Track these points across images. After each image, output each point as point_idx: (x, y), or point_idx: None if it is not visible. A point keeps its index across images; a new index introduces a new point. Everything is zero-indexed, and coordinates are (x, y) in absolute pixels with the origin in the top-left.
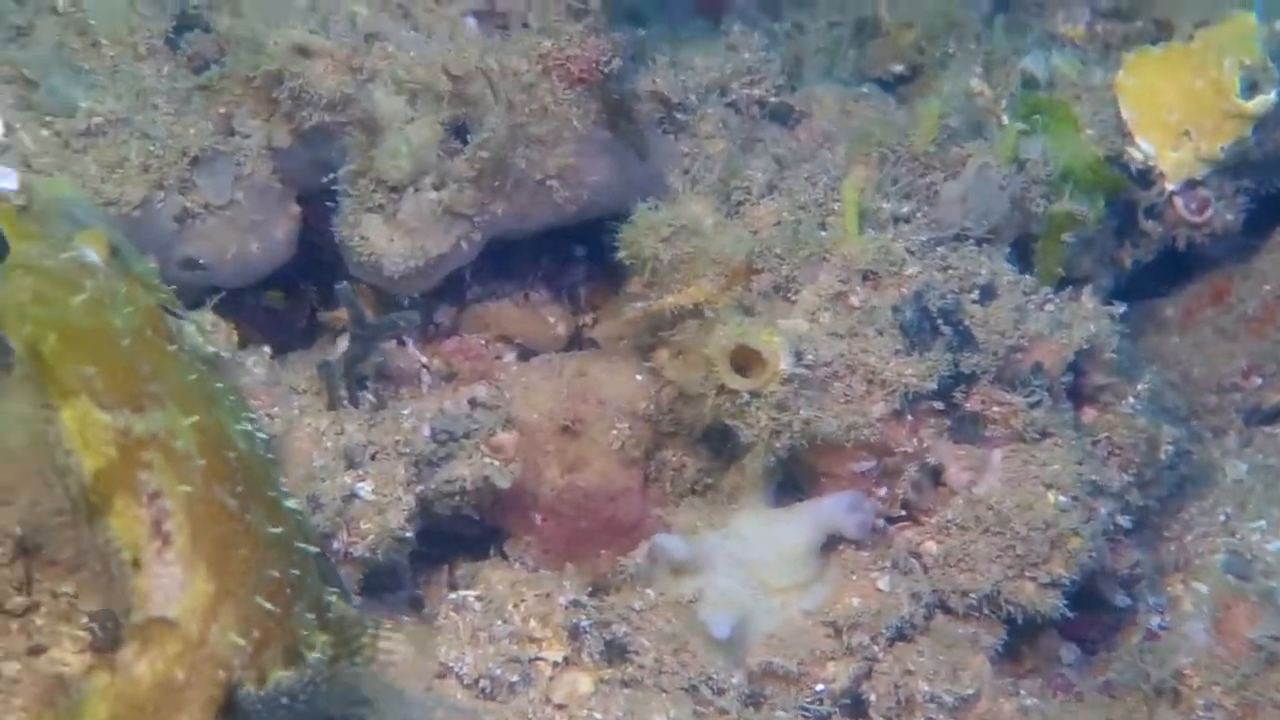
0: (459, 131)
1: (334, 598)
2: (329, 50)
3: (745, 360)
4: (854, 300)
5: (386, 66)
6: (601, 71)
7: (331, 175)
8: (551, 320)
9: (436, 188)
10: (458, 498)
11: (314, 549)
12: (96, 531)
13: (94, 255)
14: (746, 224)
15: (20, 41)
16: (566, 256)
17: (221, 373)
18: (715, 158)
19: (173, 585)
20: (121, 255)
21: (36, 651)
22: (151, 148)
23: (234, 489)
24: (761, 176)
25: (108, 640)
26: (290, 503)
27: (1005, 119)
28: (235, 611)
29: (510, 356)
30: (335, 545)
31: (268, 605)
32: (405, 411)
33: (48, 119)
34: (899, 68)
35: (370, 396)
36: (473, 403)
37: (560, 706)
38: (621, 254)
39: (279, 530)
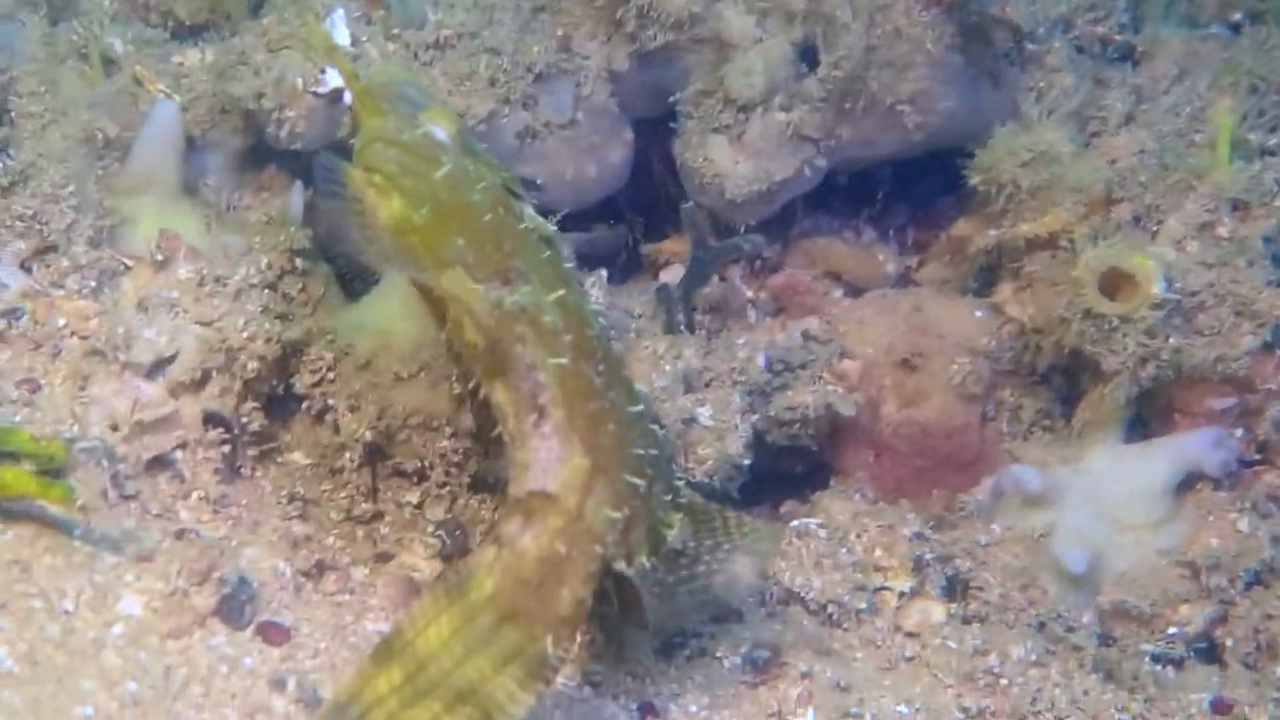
0: (804, 54)
1: (681, 484)
2: None
3: (1111, 286)
4: (1222, 230)
5: None
6: None
7: (674, 97)
8: (881, 258)
9: (785, 109)
10: (797, 426)
11: (662, 431)
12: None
13: (442, 132)
14: (1103, 154)
15: None
16: (892, 194)
17: (563, 254)
18: (1070, 88)
19: (550, 459)
20: (464, 134)
21: (384, 558)
22: (499, 62)
23: (597, 366)
24: (1120, 106)
25: (456, 548)
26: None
27: None
28: (608, 487)
29: (838, 293)
30: (674, 469)
31: (636, 481)
32: (740, 341)
33: (394, 32)
34: (1237, 15)
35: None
36: (805, 335)
37: (912, 635)
38: (975, 179)
39: (638, 409)
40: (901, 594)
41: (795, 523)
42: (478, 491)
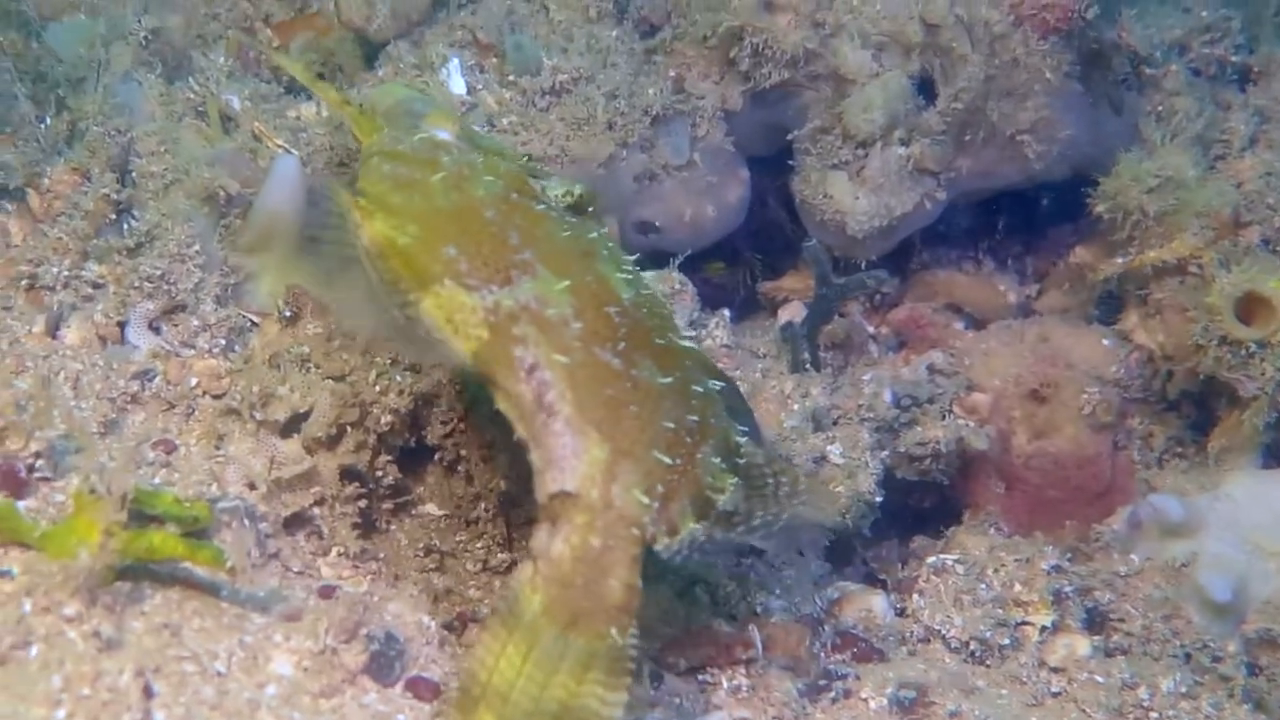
0: (921, 86)
1: (743, 439)
2: (793, 5)
3: (1245, 311)
4: None
5: (850, 20)
6: (1082, 18)
7: (791, 135)
8: (1002, 289)
9: (905, 143)
10: (929, 460)
11: (718, 384)
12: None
13: (445, 133)
14: (1229, 177)
15: (470, 8)
16: (1010, 224)
17: (593, 226)
18: (1191, 111)
19: (565, 456)
20: (469, 130)
21: None
22: (616, 105)
23: (616, 346)
24: (1243, 129)
25: None
26: (686, 343)
27: None
28: (635, 469)
29: (960, 325)
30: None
31: (667, 459)
32: (865, 377)
33: (510, 78)
34: None
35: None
36: (931, 369)
37: (1057, 670)
38: (1100, 207)
39: (670, 379)
40: (1043, 628)
41: (932, 559)
42: None
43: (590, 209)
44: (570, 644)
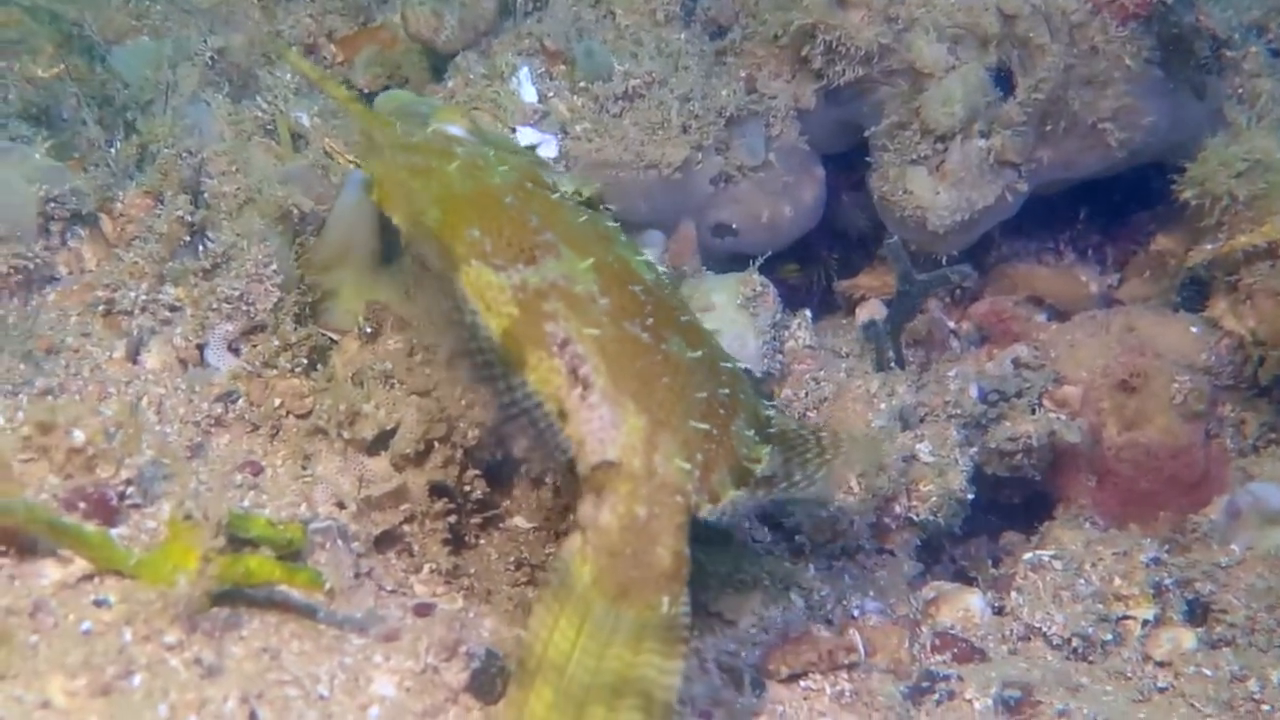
0: (998, 78)
1: (773, 412)
2: (865, 1)
3: None
4: None
5: (924, 13)
6: (1161, 3)
7: (868, 131)
8: (1083, 279)
9: (985, 135)
10: (1020, 455)
11: (741, 365)
12: (516, 390)
13: (456, 128)
14: None
15: (536, 16)
16: (1091, 213)
17: (607, 217)
18: (1274, 93)
19: (604, 427)
20: (479, 127)
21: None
22: (690, 108)
23: (645, 321)
24: None
25: None
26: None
27: None
28: (674, 439)
29: (1042, 317)
30: (896, 509)
31: (704, 426)
32: (950, 374)
33: (581, 85)
34: None
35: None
36: (1017, 363)
37: (1163, 664)
38: (1187, 193)
39: (698, 354)
40: (1145, 622)
41: (1028, 555)
42: (701, 545)
43: (602, 207)
44: (622, 615)
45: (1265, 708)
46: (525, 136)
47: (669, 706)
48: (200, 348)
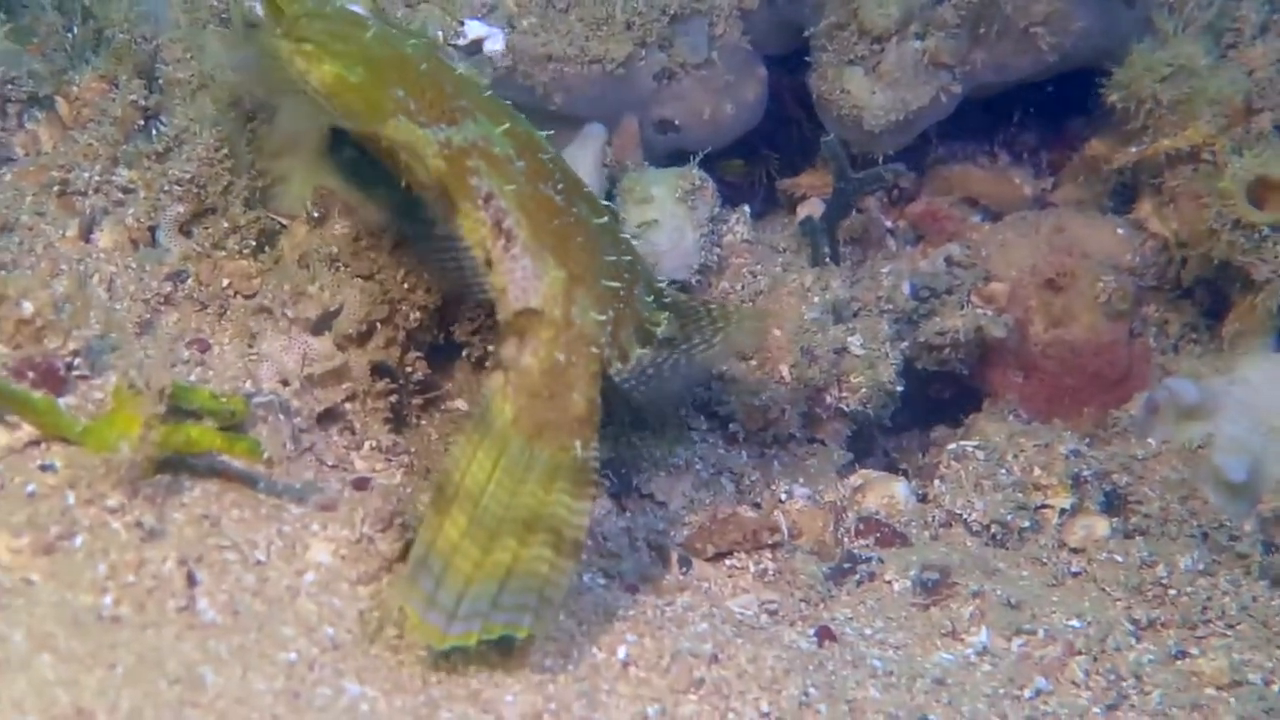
0: None
1: (664, 284)
2: None
3: (1259, 196)
4: None
5: None
6: None
7: (807, 32)
8: (1018, 182)
9: (920, 36)
10: (948, 350)
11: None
12: (449, 236)
13: (359, 8)
14: (1240, 65)
15: None
16: (1026, 119)
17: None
18: (1200, 0)
19: (527, 277)
20: (380, 9)
21: None
22: (634, 5)
23: (555, 185)
24: (1254, 16)
25: (623, 488)
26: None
27: None
28: (589, 292)
29: (976, 218)
30: (827, 400)
31: (614, 284)
32: (884, 270)
33: None
34: None
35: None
36: (949, 261)
37: (1076, 551)
38: (1113, 97)
39: (603, 221)
40: (1062, 511)
41: (952, 446)
42: (638, 429)
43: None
44: (536, 454)
45: (1172, 592)
46: (473, 30)
47: (578, 544)
48: (151, 229)
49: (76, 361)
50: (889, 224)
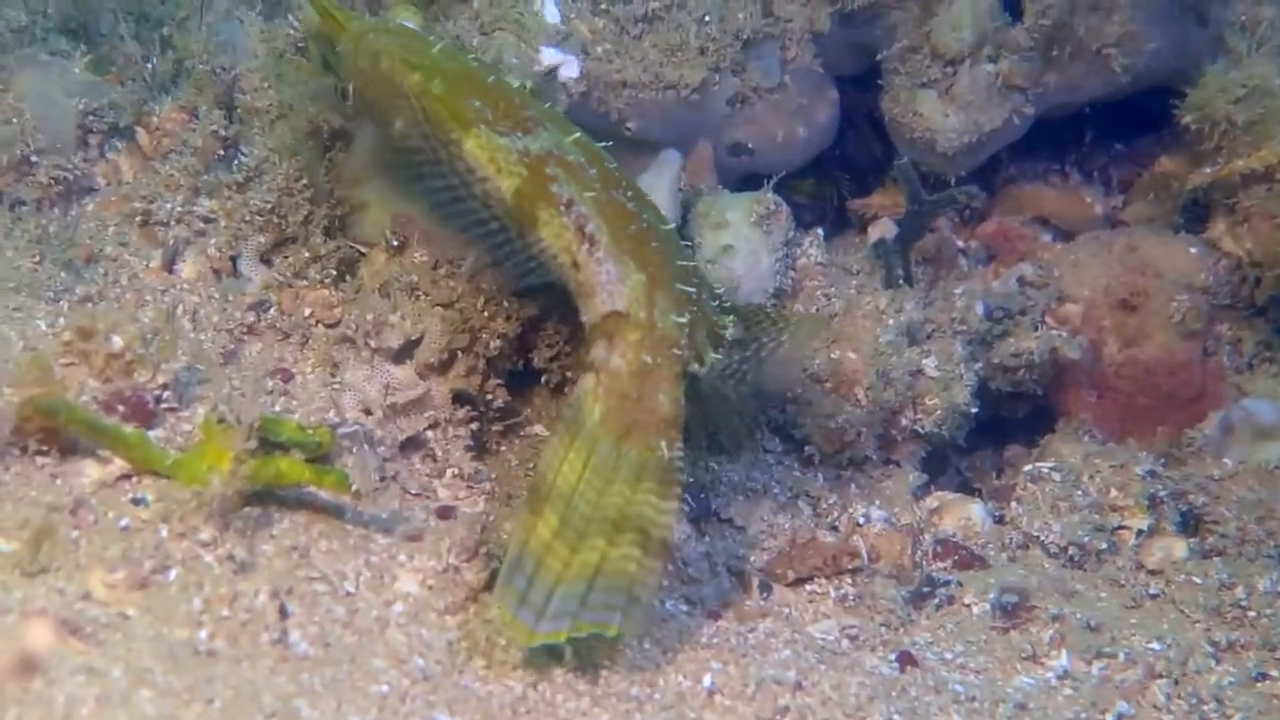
0: (1006, 3)
1: (721, 290)
2: None
3: None
4: None
5: None
6: None
7: (881, 55)
8: (1088, 200)
9: (993, 60)
10: (1022, 371)
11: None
12: (530, 244)
13: (411, 23)
14: None
15: None
16: (1097, 136)
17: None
18: (1274, 20)
19: (611, 280)
20: (429, 24)
21: None
22: (708, 30)
23: (626, 192)
24: None
25: (700, 512)
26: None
27: None
28: (667, 296)
29: (1047, 237)
30: (903, 421)
31: (688, 289)
32: (957, 291)
33: (603, 6)
34: None
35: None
36: (1021, 281)
37: (1154, 572)
38: (1187, 118)
39: (670, 227)
40: (1139, 532)
41: (1028, 467)
42: (714, 453)
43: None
44: (624, 454)
45: (1251, 614)
46: (548, 57)
47: (665, 543)
48: (233, 258)
49: (165, 394)
50: (960, 244)
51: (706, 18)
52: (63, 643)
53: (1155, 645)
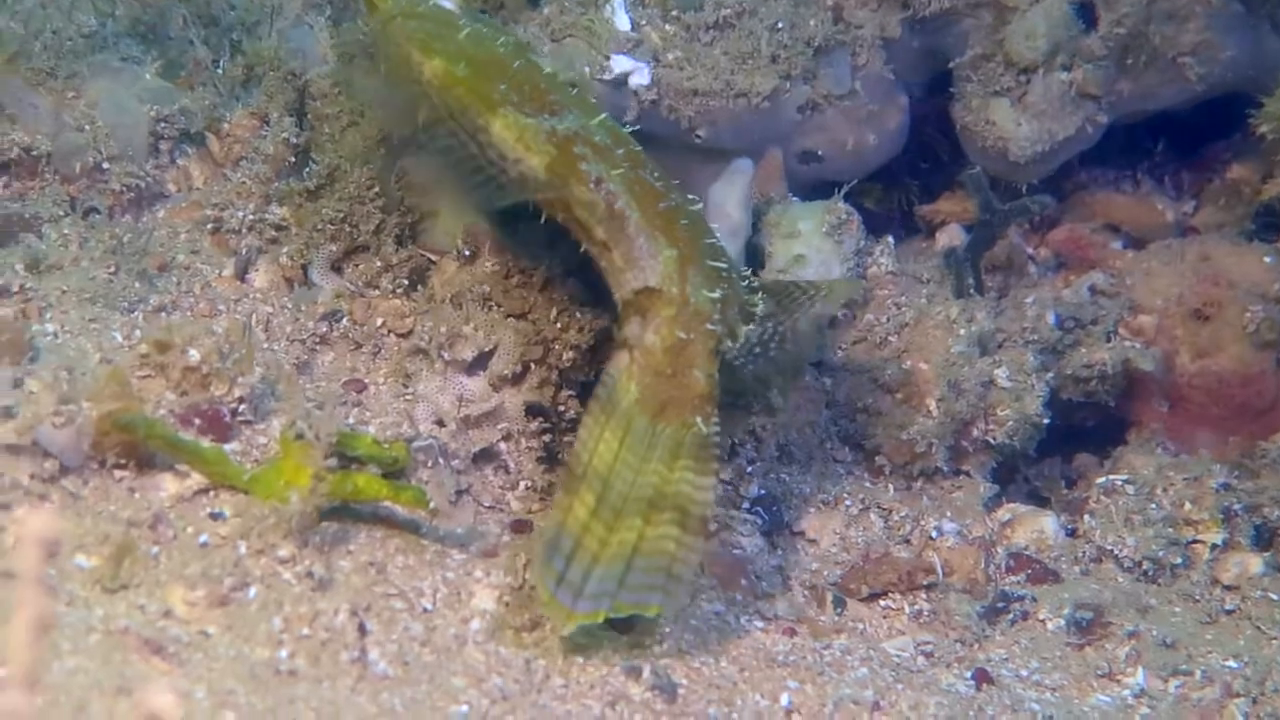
0: (1080, 11)
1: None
2: None
3: None
4: None
5: None
6: None
7: (953, 63)
8: (1160, 207)
9: (1067, 68)
10: (1094, 382)
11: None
12: (566, 223)
13: (449, 3)
14: None
15: None
16: (1168, 143)
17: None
18: None
19: (643, 255)
20: (469, 7)
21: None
22: (779, 38)
23: (652, 172)
24: None
25: (773, 524)
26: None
27: None
28: (700, 272)
29: (1118, 244)
30: (974, 433)
31: (719, 264)
32: (1028, 300)
33: (674, 13)
34: None
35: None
36: (1093, 290)
37: (1230, 588)
38: (1263, 128)
39: (698, 206)
40: (1214, 546)
41: (1101, 480)
42: (785, 464)
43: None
44: (660, 432)
45: None
46: (619, 64)
47: (704, 520)
48: (305, 267)
49: (241, 408)
50: (1030, 251)
51: (778, 25)
52: (145, 662)
53: (1232, 663)
